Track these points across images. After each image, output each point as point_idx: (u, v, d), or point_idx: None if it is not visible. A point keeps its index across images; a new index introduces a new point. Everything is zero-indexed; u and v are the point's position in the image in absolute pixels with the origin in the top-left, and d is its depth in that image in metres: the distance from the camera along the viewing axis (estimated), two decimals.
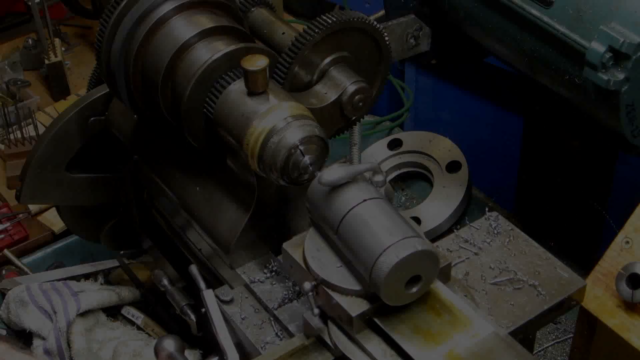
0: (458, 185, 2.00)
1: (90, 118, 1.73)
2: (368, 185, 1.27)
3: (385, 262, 1.15)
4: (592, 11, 1.43)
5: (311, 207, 1.30)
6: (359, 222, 1.22)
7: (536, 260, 1.34)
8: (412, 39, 1.85)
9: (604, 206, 1.90)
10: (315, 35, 1.44)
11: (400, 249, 1.16)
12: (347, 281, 1.24)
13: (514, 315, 1.29)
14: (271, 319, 1.42)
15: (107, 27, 1.49)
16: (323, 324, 1.28)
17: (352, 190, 1.25)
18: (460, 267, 1.38)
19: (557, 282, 1.31)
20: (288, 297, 1.44)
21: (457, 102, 2.61)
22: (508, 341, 1.19)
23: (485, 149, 2.48)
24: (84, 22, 3.13)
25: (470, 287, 1.33)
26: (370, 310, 1.21)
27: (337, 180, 1.24)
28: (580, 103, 1.59)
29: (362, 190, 1.25)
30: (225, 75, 1.41)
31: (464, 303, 1.23)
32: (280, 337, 1.39)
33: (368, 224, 1.21)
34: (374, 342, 1.22)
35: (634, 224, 1.37)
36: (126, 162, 1.74)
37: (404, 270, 1.16)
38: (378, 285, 1.16)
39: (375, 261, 1.16)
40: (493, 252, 1.39)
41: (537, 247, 1.36)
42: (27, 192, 1.76)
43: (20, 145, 2.47)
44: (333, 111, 1.49)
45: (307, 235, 1.31)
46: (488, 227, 1.42)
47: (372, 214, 1.22)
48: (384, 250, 1.16)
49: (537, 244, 1.36)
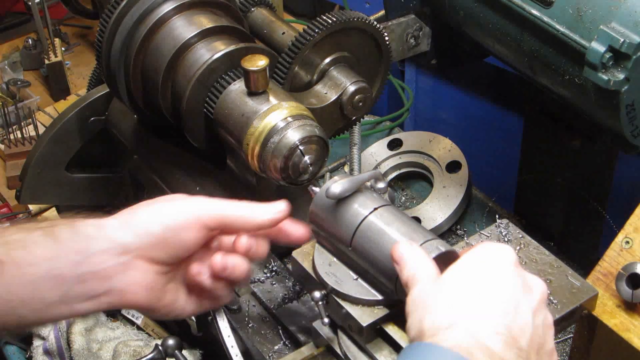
0: (458, 185, 2.00)
1: (90, 118, 1.73)
2: (373, 193, 1.26)
3: None
4: (592, 11, 1.43)
5: (317, 224, 1.28)
6: (375, 231, 1.21)
7: (547, 268, 1.32)
8: (412, 39, 1.85)
9: (604, 206, 1.90)
10: (315, 35, 1.44)
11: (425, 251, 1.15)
12: (361, 291, 1.22)
13: None
14: (279, 328, 1.41)
15: (107, 27, 1.49)
16: (333, 333, 1.27)
17: (360, 200, 1.24)
18: None
19: (568, 291, 1.29)
20: (288, 297, 1.44)
21: (457, 102, 2.61)
22: None
23: (485, 149, 2.48)
24: (84, 22, 3.13)
25: None
26: (382, 319, 1.20)
27: (344, 192, 1.23)
28: (580, 103, 1.58)
29: (369, 199, 1.24)
30: (225, 75, 1.41)
31: None
32: (288, 345, 1.39)
33: (385, 232, 1.20)
34: (385, 352, 1.21)
35: (634, 224, 1.37)
36: (126, 162, 1.74)
37: None
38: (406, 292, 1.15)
39: None
40: None
41: (548, 254, 1.34)
42: (27, 192, 1.76)
43: (20, 145, 2.47)
44: (333, 111, 1.49)
45: (316, 247, 1.30)
46: (499, 234, 1.40)
47: (386, 221, 1.21)
48: None
49: (548, 251, 1.34)
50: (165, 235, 1.19)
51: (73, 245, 1.18)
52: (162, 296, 1.23)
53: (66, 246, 1.18)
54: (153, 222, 1.20)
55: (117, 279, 1.18)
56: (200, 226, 1.21)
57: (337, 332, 1.26)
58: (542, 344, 1.04)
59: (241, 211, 1.23)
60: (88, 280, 1.17)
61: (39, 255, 1.16)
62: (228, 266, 1.22)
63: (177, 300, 1.26)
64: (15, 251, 1.16)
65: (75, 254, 1.17)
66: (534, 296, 1.06)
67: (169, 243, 1.20)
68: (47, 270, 1.15)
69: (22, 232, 1.19)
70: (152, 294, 1.21)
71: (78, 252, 1.17)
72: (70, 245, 1.18)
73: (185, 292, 1.27)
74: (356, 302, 1.22)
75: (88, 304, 1.18)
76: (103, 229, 1.20)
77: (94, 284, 1.17)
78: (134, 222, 1.20)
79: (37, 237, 1.18)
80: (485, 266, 1.07)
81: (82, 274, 1.17)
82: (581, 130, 1.78)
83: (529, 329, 1.02)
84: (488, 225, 1.44)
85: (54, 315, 1.19)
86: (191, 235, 1.21)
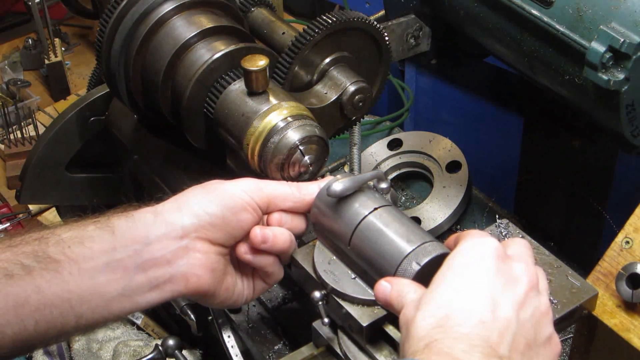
0: (458, 185, 2.00)
1: (90, 118, 1.73)
2: (375, 193, 1.26)
3: (408, 269, 1.15)
4: (592, 11, 1.43)
5: (318, 221, 1.28)
6: (374, 231, 1.21)
7: (547, 268, 1.32)
8: (412, 39, 1.86)
9: (604, 206, 1.90)
10: (316, 35, 1.44)
11: (420, 254, 1.16)
12: (359, 291, 1.22)
13: None
14: (279, 327, 1.41)
15: (107, 27, 1.49)
16: (333, 333, 1.27)
17: (361, 199, 1.24)
18: None
19: (568, 291, 1.28)
20: (288, 297, 1.44)
21: (457, 102, 2.60)
22: None
23: (485, 149, 2.48)
24: (84, 22, 3.13)
25: None
26: (382, 319, 1.20)
27: (345, 191, 1.23)
28: (580, 103, 1.59)
29: (370, 198, 1.24)
30: (225, 75, 1.41)
31: None
32: (287, 345, 1.39)
33: (383, 232, 1.20)
34: (385, 353, 1.21)
35: (634, 224, 1.37)
36: (126, 162, 1.74)
37: (426, 276, 1.15)
38: None
39: (396, 269, 1.16)
40: None
41: (548, 254, 1.34)
42: (27, 192, 1.76)
43: (20, 145, 2.47)
44: (333, 111, 1.49)
45: (316, 245, 1.30)
46: (498, 234, 1.40)
47: (385, 221, 1.21)
48: (404, 257, 1.16)
49: (548, 252, 1.34)
50: (225, 215, 1.19)
51: (131, 234, 1.16)
52: (224, 278, 1.22)
53: (124, 236, 1.15)
54: (211, 203, 1.20)
55: (179, 263, 1.16)
56: (255, 206, 1.22)
57: (337, 332, 1.26)
58: (532, 338, 1.03)
59: (284, 189, 1.25)
60: (150, 268, 1.15)
61: (97, 249, 1.14)
62: (268, 237, 1.22)
63: (236, 284, 1.25)
64: (71, 248, 1.13)
65: (134, 243, 1.15)
66: (518, 289, 1.05)
67: (228, 223, 1.20)
68: (106, 263, 1.13)
69: (75, 229, 1.17)
70: (214, 276, 1.20)
71: (137, 241, 1.15)
72: (128, 235, 1.16)
73: (240, 276, 1.26)
74: (354, 301, 1.22)
75: (151, 295, 1.16)
76: (160, 214, 1.18)
77: (156, 272, 1.15)
78: (190, 203, 1.20)
79: (92, 231, 1.16)
80: (462, 271, 1.06)
81: (143, 262, 1.14)
82: (581, 130, 1.78)
83: (511, 329, 1.01)
84: (488, 225, 1.44)
85: (115, 312, 1.16)
86: (249, 215, 1.21)
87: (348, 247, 1.23)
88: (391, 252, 1.18)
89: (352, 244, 1.23)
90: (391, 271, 1.17)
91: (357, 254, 1.23)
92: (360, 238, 1.22)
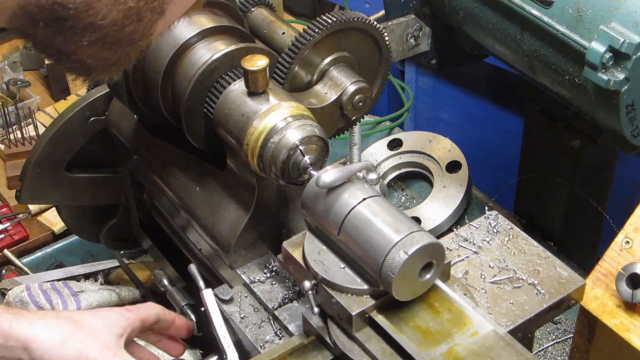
0: (458, 185, 2.00)
1: (90, 118, 1.73)
2: (364, 184, 1.27)
3: (396, 258, 1.16)
4: (592, 11, 1.43)
5: (308, 212, 1.30)
6: (363, 221, 1.22)
7: (535, 259, 1.35)
8: (412, 39, 1.86)
9: (604, 206, 1.90)
10: (315, 35, 1.44)
11: (408, 243, 1.17)
12: (347, 280, 1.24)
13: (514, 314, 1.29)
14: (270, 318, 1.42)
15: None
16: (323, 322, 1.28)
17: (350, 190, 1.25)
18: (460, 265, 1.38)
19: (556, 281, 1.32)
20: (288, 297, 1.44)
21: (457, 102, 2.61)
22: (507, 340, 1.19)
23: (485, 149, 2.49)
24: None
25: (469, 285, 1.34)
26: (370, 308, 1.22)
27: (335, 181, 1.24)
28: (580, 103, 1.59)
29: (359, 189, 1.26)
30: (225, 75, 1.41)
31: (463, 302, 1.24)
32: (279, 336, 1.40)
33: (371, 222, 1.21)
34: (374, 341, 1.22)
35: (634, 224, 1.37)
36: (126, 162, 1.74)
37: (414, 265, 1.17)
38: (389, 282, 1.17)
39: (384, 258, 1.17)
40: (492, 251, 1.39)
41: (536, 245, 1.37)
42: (27, 192, 1.76)
43: (20, 145, 2.47)
44: (333, 111, 1.49)
45: (306, 235, 1.32)
46: (488, 226, 1.43)
47: (374, 211, 1.22)
48: (392, 246, 1.17)
49: (537, 242, 1.36)
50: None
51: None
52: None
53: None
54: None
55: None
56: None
57: (327, 321, 1.28)
58: None
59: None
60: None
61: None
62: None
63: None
64: None
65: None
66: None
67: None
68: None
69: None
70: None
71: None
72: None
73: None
74: (343, 290, 1.23)
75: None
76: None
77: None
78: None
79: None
80: None
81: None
82: (581, 130, 1.78)
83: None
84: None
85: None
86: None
87: (337, 236, 1.24)
88: (379, 242, 1.19)
89: (341, 233, 1.24)
90: (380, 260, 1.18)
91: (346, 243, 1.24)
92: (349, 228, 1.23)
